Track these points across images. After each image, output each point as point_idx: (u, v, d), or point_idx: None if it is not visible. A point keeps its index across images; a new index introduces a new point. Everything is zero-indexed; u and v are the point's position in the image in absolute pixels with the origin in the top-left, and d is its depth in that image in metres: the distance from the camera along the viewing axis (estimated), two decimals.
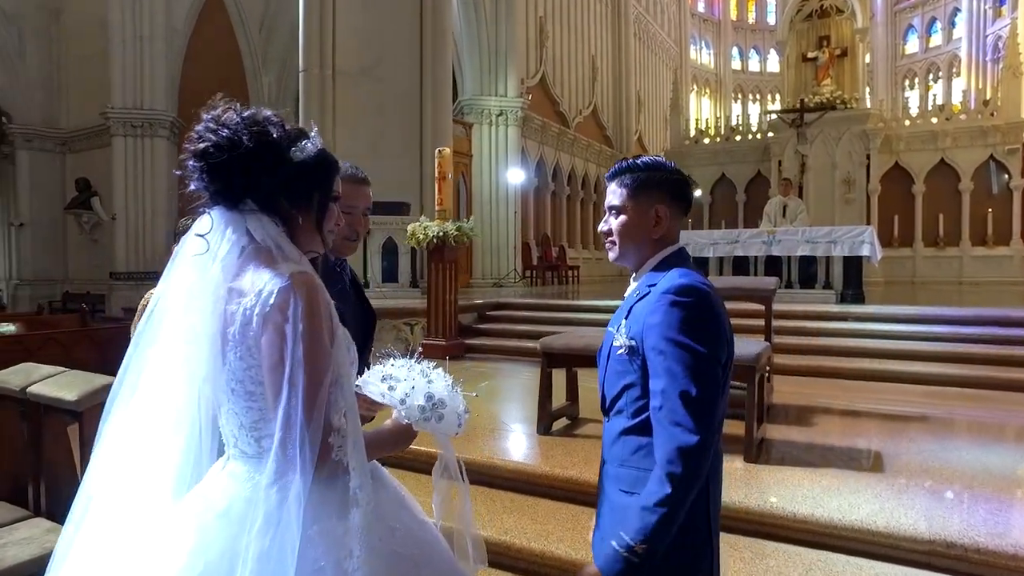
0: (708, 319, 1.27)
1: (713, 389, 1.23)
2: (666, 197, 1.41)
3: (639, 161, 1.44)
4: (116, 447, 1.20)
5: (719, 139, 16.12)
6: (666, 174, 1.42)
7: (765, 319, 4.07)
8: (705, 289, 1.30)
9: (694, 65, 24.59)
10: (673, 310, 1.26)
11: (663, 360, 1.24)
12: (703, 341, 1.23)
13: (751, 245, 7.58)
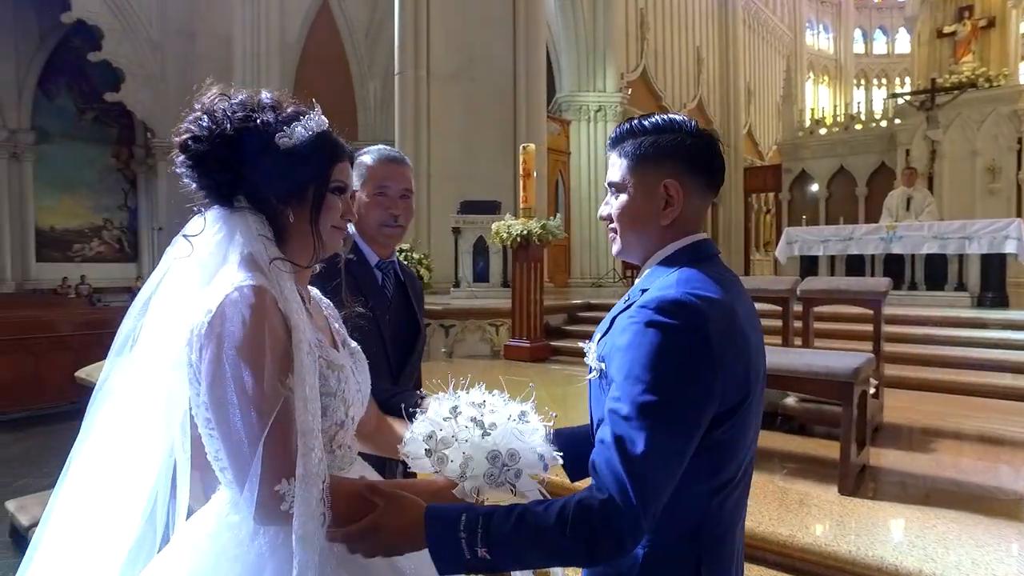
0: (693, 350, 0.89)
1: (669, 452, 0.87)
2: (680, 168, 1.04)
3: (645, 121, 1.07)
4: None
5: (837, 129, 14.82)
6: (680, 136, 1.04)
7: (874, 326, 3.53)
8: (700, 306, 0.91)
9: (811, 51, 22.89)
10: (647, 333, 0.91)
11: (615, 400, 0.91)
12: (677, 381, 0.88)
13: (867, 242, 6.77)
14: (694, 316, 0.91)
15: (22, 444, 5.47)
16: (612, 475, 0.87)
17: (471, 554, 0.88)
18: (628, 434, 0.87)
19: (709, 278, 0.98)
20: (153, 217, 19.21)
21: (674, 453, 0.88)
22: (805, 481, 2.79)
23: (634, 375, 0.89)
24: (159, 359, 1.05)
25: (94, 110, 19.63)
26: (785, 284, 3.84)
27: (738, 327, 0.95)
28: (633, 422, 0.87)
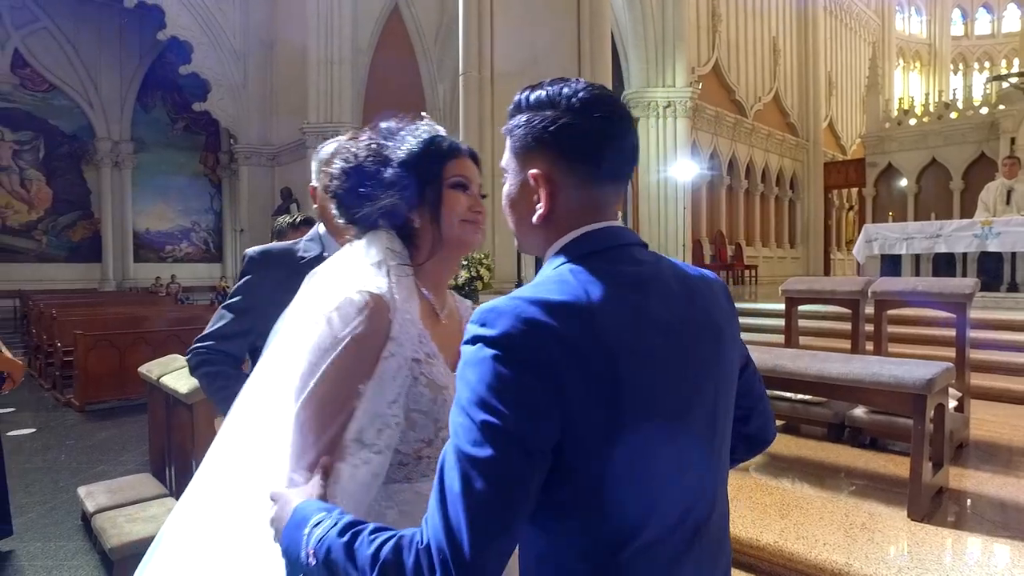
0: (512, 371, 0.69)
1: (493, 489, 0.67)
2: (550, 155, 0.82)
3: (531, 95, 0.85)
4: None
5: (928, 118, 13.78)
6: (556, 114, 0.81)
7: (957, 332, 3.19)
8: (527, 317, 0.71)
9: (900, 37, 21.43)
10: (468, 351, 0.74)
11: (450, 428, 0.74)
12: (499, 406, 0.69)
13: (958, 239, 6.19)
14: (520, 330, 0.70)
15: (106, 432, 5.82)
16: (433, 515, 0.70)
17: (304, 554, 0.78)
18: (451, 467, 0.70)
19: (592, 276, 0.77)
20: (235, 219, 20.18)
21: (500, 483, 0.68)
22: (872, 501, 2.54)
23: (458, 400, 0.73)
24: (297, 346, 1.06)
25: (184, 120, 20.90)
26: (855, 285, 3.54)
27: (602, 336, 0.72)
28: (456, 455, 0.70)
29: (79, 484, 4.17)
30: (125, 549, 2.95)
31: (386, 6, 16.07)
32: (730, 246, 14.21)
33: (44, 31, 18.52)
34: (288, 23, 17.19)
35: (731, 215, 14.81)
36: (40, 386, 8.12)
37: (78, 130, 19.29)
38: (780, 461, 3.14)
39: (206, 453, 1.18)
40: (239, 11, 17.84)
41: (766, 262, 15.15)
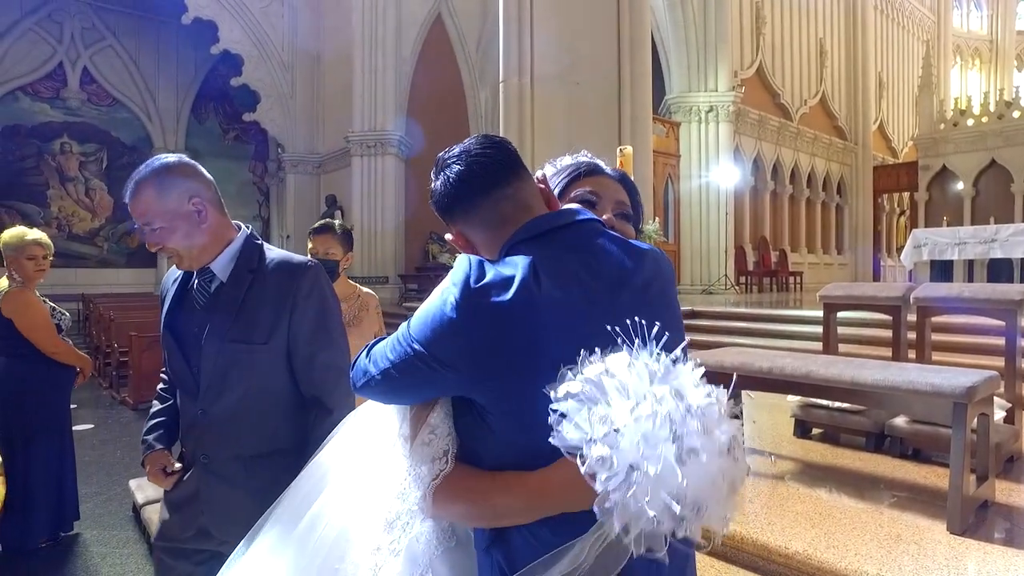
0: None
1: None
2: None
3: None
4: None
5: (988, 119, 13.23)
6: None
7: (1006, 340, 3.07)
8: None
9: (957, 34, 20.63)
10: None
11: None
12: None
13: (1016, 244, 5.91)
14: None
15: None
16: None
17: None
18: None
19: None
20: (282, 225, 20.75)
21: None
22: (910, 513, 2.47)
23: None
24: None
25: (235, 130, 21.66)
26: (895, 291, 3.44)
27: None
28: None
29: (131, 478, 4.38)
30: None
31: (429, 15, 16.33)
32: (774, 252, 13.91)
33: (109, 49, 19.51)
34: (334, 34, 17.65)
35: (775, 221, 14.50)
36: (99, 384, 8.51)
37: (137, 141, 20.20)
38: (816, 470, 3.07)
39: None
40: (287, 24, 18.41)
41: (812, 268, 14.77)
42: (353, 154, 15.74)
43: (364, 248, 15.75)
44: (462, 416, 0.96)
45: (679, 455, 0.71)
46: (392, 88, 15.72)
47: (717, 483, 0.73)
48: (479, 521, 0.95)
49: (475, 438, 0.94)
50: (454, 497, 0.94)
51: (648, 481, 0.70)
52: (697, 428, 0.72)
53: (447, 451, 0.96)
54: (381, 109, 15.72)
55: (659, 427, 0.72)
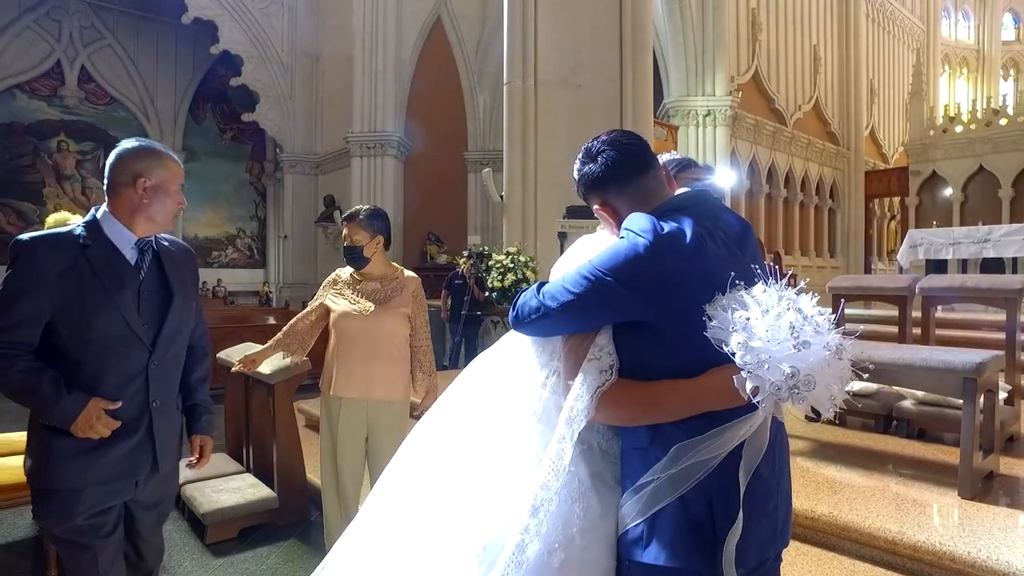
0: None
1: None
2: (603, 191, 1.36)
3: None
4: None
5: (976, 125, 13.57)
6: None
7: (1007, 328, 3.26)
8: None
9: (946, 43, 21.06)
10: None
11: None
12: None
13: (1008, 244, 6.16)
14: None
15: None
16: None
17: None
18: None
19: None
20: (279, 226, 20.83)
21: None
22: (922, 483, 2.66)
23: None
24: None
25: (232, 130, 21.71)
26: (902, 282, 3.63)
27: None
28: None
29: None
30: (216, 515, 3.21)
31: (429, 18, 16.48)
32: (769, 255, 14.16)
33: (108, 48, 19.52)
34: (334, 35, 17.77)
35: (770, 224, 14.75)
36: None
37: None
38: (830, 448, 3.25)
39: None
40: (287, 25, 18.51)
41: (805, 271, 15.03)
42: (352, 155, 15.85)
43: None
44: (630, 338, 1.19)
45: (796, 344, 1.00)
46: (392, 90, 15.85)
47: (824, 369, 1.00)
48: (644, 420, 1.17)
49: (647, 354, 1.18)
50: (623, 402, 1.17)
51: (773, 359, 1.00)
52: (810, 330, 1.02)
53: (612, 365, 1.19)
54: (381, 110, 15.84)
55: (782, 326, 1.02)
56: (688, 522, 1.12)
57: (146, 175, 1.76)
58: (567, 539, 1.15)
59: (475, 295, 8.29)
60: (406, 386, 2.77)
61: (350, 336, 2.68)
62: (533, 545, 1.12)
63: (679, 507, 1.12)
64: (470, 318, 8.20)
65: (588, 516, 1.17)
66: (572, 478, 1.18)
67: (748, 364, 1.02)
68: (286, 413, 3.42)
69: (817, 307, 1.06)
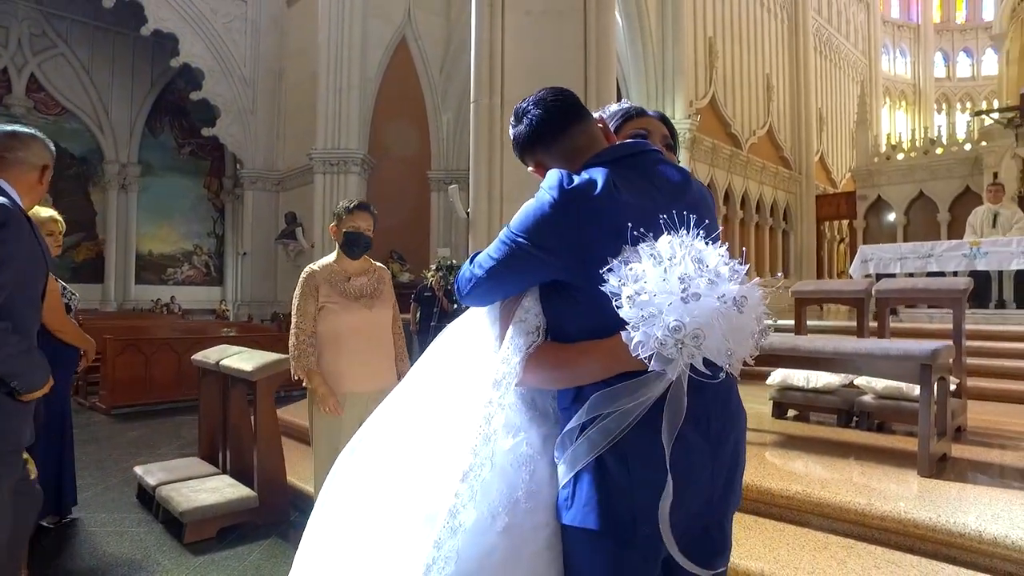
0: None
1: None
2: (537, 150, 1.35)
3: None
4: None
5: (915, 153, 14.39)
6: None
7: (954, 325, 3.51)
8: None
9: (887, 77, 22.32)
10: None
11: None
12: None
13: (949, 259, 6.59)
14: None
15: (136, 432, 5.99)
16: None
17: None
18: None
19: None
20: (238, 243, 20.47)
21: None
22: (885, 466, 2.83)
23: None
24: None
25: (191, 144, 21.32)
26: (860, 285, 3.87)
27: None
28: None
29: (124, 471, 4.40)
30: (195, 513, 3.17)
31: (394, 37, 16.63)
32: None
33: (60, 57, 19.01)
34: (298, 52, 17.73)
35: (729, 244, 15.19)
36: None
37: (87, 153, 19.66)
38: (797, 440, 3.41)
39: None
40: (250, 40, 18.38)
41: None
42: (316, 171, 15.74)
43: None
44: (551, 300, 1.19)
45: (684, 296, 0.98)
46: (356, 107, 15.85)
47: (716, 322, 0.98)
48: (564, 382, 1.17)
49: (563, 315, 1.18)
50: (544, 364, 1.17)
51: (659, 312, 0.98)
52: (703, 282, 0.99)
53: (539, 327, 1.20)
54: (345, 127, 15.79)
55: (671, 277, 1.00)
56: (605, 484, 1.09)
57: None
58: (511, 503, 1.13)
59: (444, 307, 8.34)
60: (395, 373, 2.84)
61: (354, 332, 2.74)
62: (467, 511, 1.11)
63: (596, 468, 1.09)
64: (439, 330, 8.22)
65: (535, 480, 1.15)
66: (521, 443, 1.18)
67: (633, 317, 0.99)
68: (267, 409, 3.41)
69: (725, 258, 1.04)
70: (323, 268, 2.85)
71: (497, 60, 11.50)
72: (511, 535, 1.12)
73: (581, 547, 1.13)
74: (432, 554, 1.09)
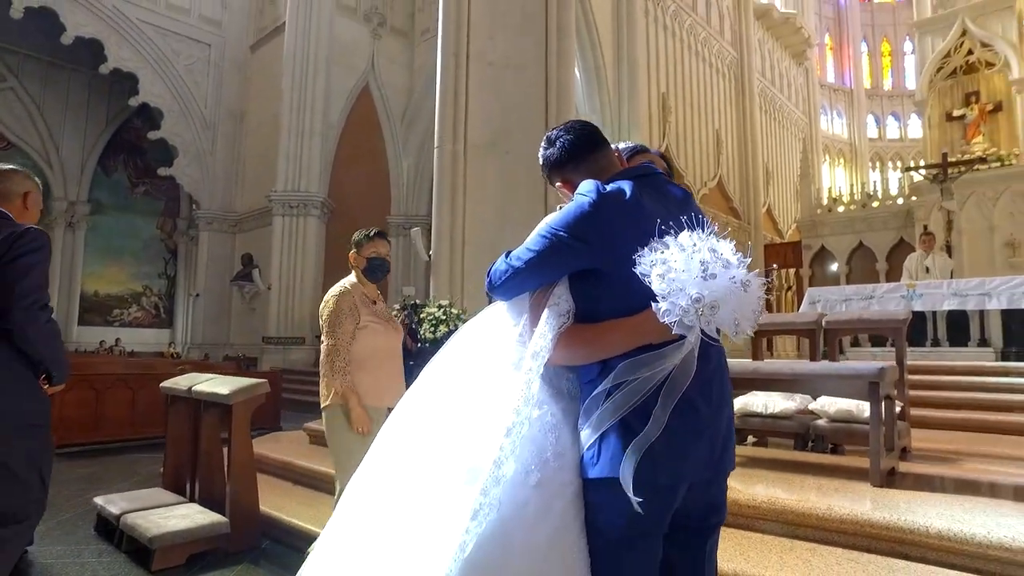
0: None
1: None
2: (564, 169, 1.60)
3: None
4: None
5: (855, 206, 15.33)
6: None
7: (896, 351, 3.79)
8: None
9: (826, 135, 23.80)
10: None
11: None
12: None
13: (888, 300, 7.03)
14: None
15: (86, 469, 5.75)
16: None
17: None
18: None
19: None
20: (190, 284, 20.02)
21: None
22: (839, 479, 3.02)
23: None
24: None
25: (145, 184, 20.98)
26: (811, 317, 4.14)
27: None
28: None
29: (77, 507, 4.25)
30: (165, 538, 3.11)
31: (357, 84, 16.97)
32: None
33: (10, 92, 18.65)
34: (260, 95, 17.86)
35: None
36: None
37: None
38: (757, 462, 3.58)
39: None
40: (213, 81, 18.43)
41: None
42: (275, 213, 15.68)
43: (282, 308, 15.49)
44: (582, 287, 1.40)
45: (704, 275, 1.23)
46: (318, 151, 15.98)
47: (728, 297, 1.23)
48: (592, 356, 1.36)
49: (594, 299, 1.38)
50: (575, 340, 1.37)
51: (684, 287, 1.22)
52: (719, 265, 1.24)
53: (569, 311, 1.41)
54: (306, 171, 15.87)
55: (694, 260, 1.24)
56: (629, 440, 1.27)
57: None
58: (542, 462, 1.31)
59: (407, 346, 8.34)
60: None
61: (384, 351, 2.91)
62: (508, 463, 1.28)
63: (620, 428, 1.28)
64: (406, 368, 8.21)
65: (559, 444, 1.34)
66: (546, 413, 1.37)
67: (662, 291, 1.24)
68: (243, 433, 3.39)
69: (733, 250, 1.29)
70: (354, 288, 2.96)
71: (461, 108, 11.90)
72: (542, 489, 1.30)
73: (607, 497, 1.30)
74: (479, 500, 1.24)
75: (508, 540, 1.24)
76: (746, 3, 18.28)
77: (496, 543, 1.23)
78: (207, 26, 18.41)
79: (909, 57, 23.39)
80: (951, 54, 13.42)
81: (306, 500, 3.88)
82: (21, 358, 2.18)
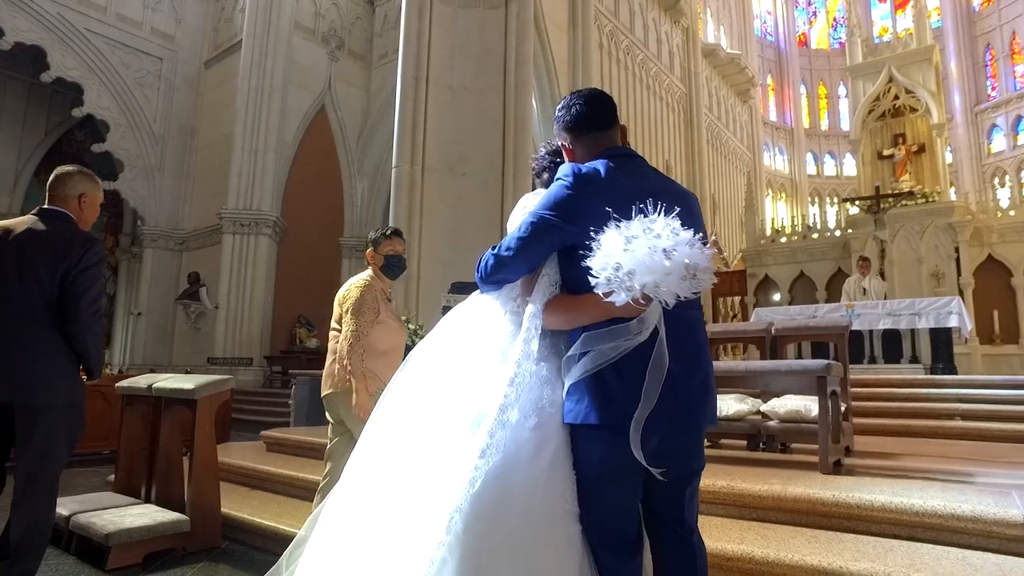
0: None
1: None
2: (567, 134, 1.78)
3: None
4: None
5: (796, 237, 16.09)
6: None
7: (839, 355, 4.04)
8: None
9: (768, 170, 24.99)
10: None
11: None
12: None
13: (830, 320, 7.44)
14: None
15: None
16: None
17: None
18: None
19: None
20: (132, 303, 19.27)
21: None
22: (791, 470, 3.19)
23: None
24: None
25: None
26: (761, 325, 4.38)
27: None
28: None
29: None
30: (122, 536, 3.01)
31: (314, 104, 16.94)
32: None
33: None
34: (213, 112, 17.57)
35: None
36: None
37: None
38: (714, 460, 3.71)
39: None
40: (163, 96, 18.03)
41: None
42: (225, 231, 15.34)
43: (230, 328, 15.08)
44: (568, 261, 1.55)
45: (625, 248, 1.36)
46: (271, 170, 15.79)
47: (644, 264, 1.34)
48: (572, 323, 1.52)
49: (579, 272, 1.48)
50: (559, 308, 1.55)
51: (609, 259, 1.37)
52: (644, 240, 1.36)
53: (556, 283, 1.61)
54: (259, 189, 15.64)
55: (622, 237, 1.38)
56: (602, 391, 1.43)
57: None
58: (538, 409, 1.49)
59: None
60: None
61: (396, 350, 2.97)
62: (512, 410, 1.45)
63: (595, 379, 1.44)
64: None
65: (555, 393, 1.52)
66: (542, 368, 1.54)
67: (594, 265, 1.39)
68: (207, 429, 3.33)
69: (673, 227, 1.38)
70: (375, 282, 3.00)
71: (420, 130, 12.02)
72: (539, 431, 1.48)
73: (585, 441, 1.48)
74: (486, 441, 1.41)
75: (511, 475, 1.41)
76: (694, 42, 19.18)
77: (501, 478, 1.39)
78: (159, 40, 18.09)
79: (843, 100, 24.88)
80: (880, 98, 14.41)
81: (265, 501, 3.82)
82: (67, 348, 2.44)
